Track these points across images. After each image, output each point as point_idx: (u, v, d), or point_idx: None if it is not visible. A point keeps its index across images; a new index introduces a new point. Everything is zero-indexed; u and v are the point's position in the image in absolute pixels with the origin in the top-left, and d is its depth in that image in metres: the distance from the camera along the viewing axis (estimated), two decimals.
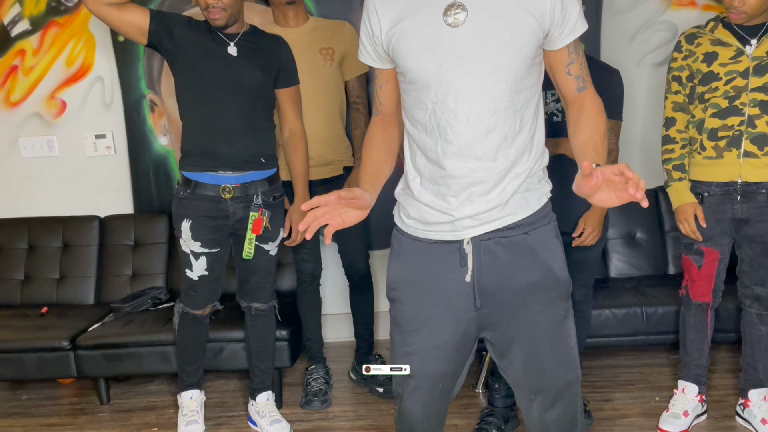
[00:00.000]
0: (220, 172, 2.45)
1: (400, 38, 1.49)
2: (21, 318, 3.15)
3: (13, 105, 3.46)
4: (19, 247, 3.43)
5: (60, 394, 3.22)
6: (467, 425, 2.69)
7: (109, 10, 2.32)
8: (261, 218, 2.48)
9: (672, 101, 2.51)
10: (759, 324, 2.51)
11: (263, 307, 2.69)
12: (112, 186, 3.50)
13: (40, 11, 3.36)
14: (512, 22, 1.42)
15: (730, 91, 2.35)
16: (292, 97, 2.57)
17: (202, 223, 2.47)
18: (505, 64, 1.42)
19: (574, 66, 1.53)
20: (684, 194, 2.47)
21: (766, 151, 2.34)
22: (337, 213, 1.49)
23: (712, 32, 2.41)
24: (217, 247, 2.53)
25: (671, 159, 2.50)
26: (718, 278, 2.51)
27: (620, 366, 3.16)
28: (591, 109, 1.54)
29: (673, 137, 2.50)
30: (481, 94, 1.44)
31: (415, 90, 1.51)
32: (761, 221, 2.39)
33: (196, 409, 2.74)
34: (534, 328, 1.54)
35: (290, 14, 2.78)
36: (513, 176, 1.49)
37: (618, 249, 3.34)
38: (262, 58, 2.46)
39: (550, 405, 1.60)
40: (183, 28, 2.41)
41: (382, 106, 1.67)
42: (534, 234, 1.52)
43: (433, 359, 1.59)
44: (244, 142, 2.45)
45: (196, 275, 2.54)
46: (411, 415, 1.65)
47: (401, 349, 1.62)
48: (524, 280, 1.51)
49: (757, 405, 2.56)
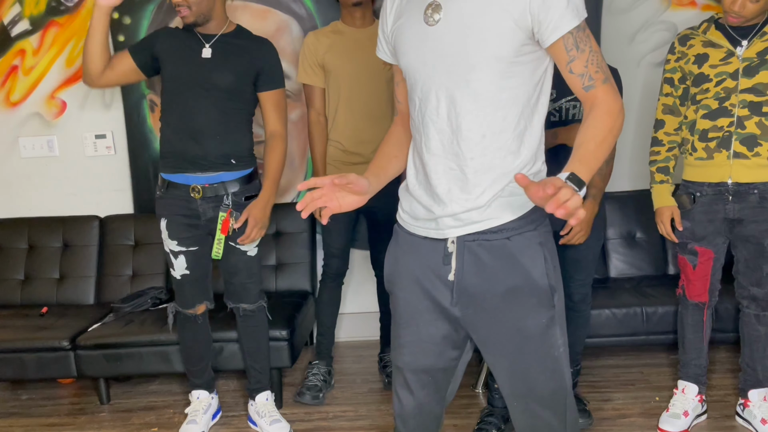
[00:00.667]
0: (190, 173, 2.48)
1: (398, 35, 1.53)
2: (21, 318, 3.15)
3: (13, 105, 3.46)
4: (19, 247, 3.43)
5: (60, 394, 3.22)
6: (467, 425, 2.69)
7: (106, 76, 2.44)
8: (229, 219, 2.49)
9: (662, 103, 2.52)
10: (757, 324, 2.51)
11: (251, 308, 2.68)
12: (112, 186, 3.50)
13: (40, 11, 3.36)
14: (489, 21, 1.40)
15: (720, 93, 2.36)
16: (273, 100, 2.55)
17: (177, 222, 2.52)
18: (482, 61, 1.41)
19: (577, 63, 1.42)
20: (664, 197, 2.51)
21: (755, 151, 2.34)
22: (333, 197, 1.51)
23: (704, 33, 2.41)
24: (195, 246, 2.55)
25: (656, 161, 2.54)
26: (714, 278, 2.52)
27: (620, 366, 3.16)
28: (599, 109, 1.41)
29: (660, 139, 2.53)
30: (459, 92, 1.44)
31: (408, 87, 1.55)
32: (754, 222, 2.39)
33: (200, 410, 2.75)
34: (515, 334, 1.52)
35: (357, 14, 2.82)
36: (493, 177, 1.47)
37: (618, 249, 3.34)
38: (239, 59, 2.46)
39: (535, 413, 1.58)
40: (162, 41, 2.47)
41: (400, 105, 1.69)
42: (516, 239, 1.49)
43: (422, 352, 1.60)
44: (214, 142, 2.47)
45: (178, 274, 2.58)
46: (403, 407, 1.67)
47: (394, 342, 1.66)
48: (504, 285, 1.50)
49: (757, 405, 2.56)
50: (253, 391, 2.78)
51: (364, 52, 2.76)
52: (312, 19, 3.30)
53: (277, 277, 3.36)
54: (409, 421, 1.68)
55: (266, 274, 3.34)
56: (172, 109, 2.47)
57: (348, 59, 2.79)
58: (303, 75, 2.85)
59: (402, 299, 1.61)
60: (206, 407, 2.78)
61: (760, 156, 2.34)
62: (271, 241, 3.37)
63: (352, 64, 2.78)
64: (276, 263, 3.37)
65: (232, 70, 2.45)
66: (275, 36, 3.32)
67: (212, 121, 2.45)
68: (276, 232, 3.39)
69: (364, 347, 3.44)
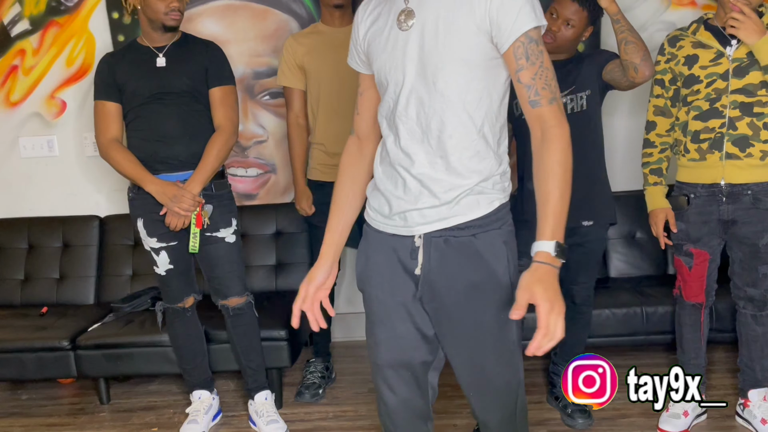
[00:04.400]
0: (162, 173, 2.53)
1: (371, 41, 1.59)
2: (21, 318, 3.15)
3: (13, 105, 3.46)
4: (19, 247, 3.43)
5: (60, 394, 3.22)
6: (467, 425, 2.69)
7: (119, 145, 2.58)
8: (200, 212, 2.53)
9: (653, 105, 2.52)
10: (754, 324, 2.51)
11: (240, 303, 2.67)
12: (112, 186, 3.50)
13: (40, 11, 3.36)
14: (456, 26, 1.45)
15: (711, 94, 2.35)
16: (218, 96, 2.59)
17: (153, 219, 2.55)
18: (449, 64, 1.46)
19: (525, 74, 1.44)
20: (657, 199, 2.51)
21: (748, 152, 2.34)
22: (316, 297, 1.71)
23: (693, 34, 2.41)
24: (175, 240, 2.58)
25: (649, 163, 2.54)
26: (710, 279, 2.52)
27: (620, 366, 3.12)
28: (554, 148, 1.42)
29: (652, 141, 2.53)
30: (428, 94, 1.49)
31: (380, 89, 1.61)
32: (748, 222, 2.39)
33: (201, 410, 2.76)
34: (476, 328, 1.57)
35: (337, 15, 2.84)
36: (460, 176, 1.51)
37: (618, 249, 3.34)
38: (191, 63, 2.55)
39: (490, 405, 1.67)
40: (117, 67, 2.54)
41: (358, 117, 1.72)
42: (482, 237, 1.53)
43: (398, 348, 1.64)
44: (182, 145, 2.53)
45: (162, 270, 2.61)
46: (388, 406, 1.69)
47: (370, 340, 1.71)
48: (467, 281, 1.54)
49: (757, 405, 2.56)
50: (252, 391, 2.79)
51: (343, 51, 2.72)
52: (312, 19, 3.30)
53: (277, 277, 3.36)
54: (395, 419, 1.70)
55: (266, 274, 3.34)
56: (140, 120, 2.54)
57: (327, 59, 2.79)
58: (282, 77, 2.88)
59: (375, 297, 1.65)
60: (207, 407, 2.78)
61: (752, 157, 2.34)
62: (271, 241, 3.37)
63: (331, 64, 2.77)
64: (276, 263, 3.37)
65: (189, 74, 2.54)
66: (275, 36, 3.32)
67: (180, 124, 2.53)
68: (276, 232, 3.39)
69: (363, 347, 3.34)
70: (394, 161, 1.56)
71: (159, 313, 2.75)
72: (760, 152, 2.33)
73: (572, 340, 2.77)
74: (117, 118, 2.56)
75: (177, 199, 2.48)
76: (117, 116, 2.56)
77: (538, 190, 1.44)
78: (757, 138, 2.33)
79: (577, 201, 2.51)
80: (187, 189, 2.50)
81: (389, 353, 1.65)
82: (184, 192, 2.49)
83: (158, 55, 2.54)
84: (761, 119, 2.33)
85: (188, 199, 2.48)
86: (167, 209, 2.50)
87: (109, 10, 3.34)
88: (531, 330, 1.37)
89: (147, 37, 2.57)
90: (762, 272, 2.43)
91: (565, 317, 2.97)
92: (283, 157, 3.41)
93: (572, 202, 2.04)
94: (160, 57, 2.54)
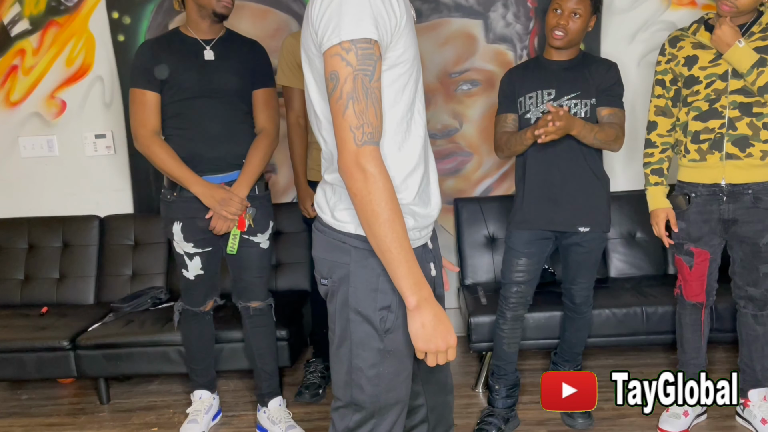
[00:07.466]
0: (206, 175, 2.45)
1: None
2: (21, 318, 3.15)
3: (13, 105, 3.46)
4: (19, 247, 3.43)
5: (60, 394, 3.22)
6: (467, 425, 2.69)
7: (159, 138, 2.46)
8: (244, 215, 2.48)
9: (654, 105, 2.52)
10: (755, 324, 2.51)
11: (261, 306, 2.65)
12: (112, 186, 3.50)
13: (40, 11, 3.36)
14: None
15: (710, 94, 2.35)
16: (263, 98, 2.55)
17: (193, 224, 2.48)
18: None
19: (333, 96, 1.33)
20: (658, 199, 2.51)
21: (748, 152, 2.34)
22: None
23: (694, 35, 2.41)
24: (210, 246, 2.54)
25: (650, 163, 2.53)
26: (711, 278, 2.52)
27: (620, 366, 3.15)
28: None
29: (653, 141, 2.52)
30: None
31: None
32: (749, 222, 2.39)
33: (201, 410, 2.75)
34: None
35: None
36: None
37: (618, 249, 3.34)
38: (237, 62, 2.47)
39: None
40: (159, 56, 2.40)
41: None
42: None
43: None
44: (227, 146, 2.46)
45: (192, 275, 2.56)
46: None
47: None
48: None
49: (757, 405, 2.56)
50: (265, 396, 2.72)
51: None
52: None
53: (277, 276, 3.36)
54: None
55: None
56: (182, 117, 2.43)
57: None
58: (282, 77, 2.84)
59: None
60: (208, 407, 2.77)
61: (752, 156, 2.34)
62: (271, 241, 3.37)
63: None
64: (276, 263, 3.37)
65: (237, 72, 2.46)
66: (275, 36, 3.32)
67: (224, 125, 2.45)
68: (276, 232, 3.39)
69: None
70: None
71: (177, 312, 2.70)
72: (761, 152, 2.34)
73: (572, 340, 2.78)
74: (157, 110, 2.42)
75: (225, 203, 2.40)
76: (157, 107, 2.42)
77: None
78: (757, 138, 2.33)
79: (575, 207, 2.53)
80: (235, 192, 2.44)
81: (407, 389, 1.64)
82: (232, 195, 2.42)
83: (205, 48, 2.43)
84: (761, 119, 2.33)
85: (236, 202, 2.42)
86: (214, 212, 2.43)
87: (109, 10, 3.34)
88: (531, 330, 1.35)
89: (193, 26, 2.44)
90: (763, 271, 2.43)
91: (565, 317, 2.99)
92: (283, 157, 3.40)
93: (570, 208, 2.06)
94: (208, 50, 2.43)
